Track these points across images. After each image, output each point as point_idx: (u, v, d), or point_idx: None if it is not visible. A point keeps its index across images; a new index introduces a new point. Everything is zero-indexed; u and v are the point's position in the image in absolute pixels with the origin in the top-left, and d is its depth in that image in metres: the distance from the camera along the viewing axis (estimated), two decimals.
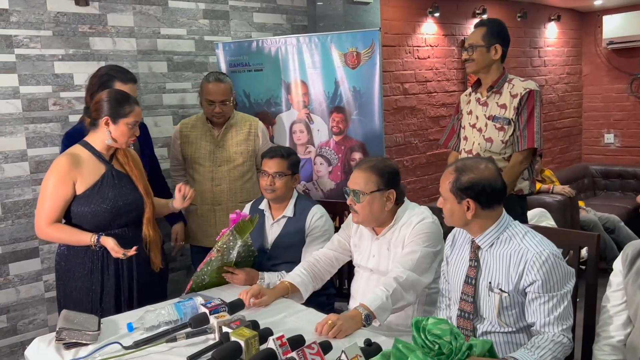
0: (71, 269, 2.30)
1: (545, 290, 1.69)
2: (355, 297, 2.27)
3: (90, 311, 2.18)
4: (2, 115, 2.83)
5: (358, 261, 2.30)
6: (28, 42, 2.89)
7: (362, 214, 2.14)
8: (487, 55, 2.66)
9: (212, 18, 3.58)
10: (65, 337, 1.76)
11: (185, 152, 3.01)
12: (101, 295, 2.29)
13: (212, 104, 2.90)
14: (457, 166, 1.83)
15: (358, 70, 3.25)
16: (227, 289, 2.30)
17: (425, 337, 1.43)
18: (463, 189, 1.78)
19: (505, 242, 1.79)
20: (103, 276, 2.28)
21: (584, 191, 5.85)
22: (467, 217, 1.80)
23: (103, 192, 2.24)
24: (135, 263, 2.33)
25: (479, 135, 2.73)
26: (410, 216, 2.16)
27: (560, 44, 6.27)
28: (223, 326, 1.72)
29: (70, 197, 2.22)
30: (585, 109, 6.67)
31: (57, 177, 2.20)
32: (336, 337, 1.77)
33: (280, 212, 2.56)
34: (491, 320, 1.80)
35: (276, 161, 2.50)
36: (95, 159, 2.27)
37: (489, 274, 1.81)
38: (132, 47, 3.24)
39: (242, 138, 3.02)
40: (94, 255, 2.27)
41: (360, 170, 2.16)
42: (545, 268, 1.69)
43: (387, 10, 4.38)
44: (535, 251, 1.71)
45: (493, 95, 2.70)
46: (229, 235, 2.23)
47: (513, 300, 1.76)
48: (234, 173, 2.99)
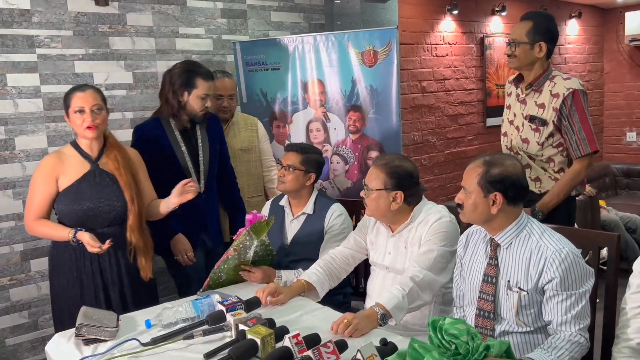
0: (57, 266, 2.35)
1: (563, 287, 1.68)
2: (372, 296, 2.27)
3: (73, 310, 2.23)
4: (24, 114, 2.88)
5: (374, 259, 2.29)
6: (49, 42, 2.93)
7: (370, 207, 2.19)
8: (531, 53, 2.49)
9: (230, 17, 3.59)
10: (84, 333, 1.79)
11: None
12: (81, 295, 2.31)
13: (220, 98, 2.93)
14: (485, 160, 1.81)
15: (375, 68, 3.24)
16: (243, 287, 2.31)
17: (442, 337, 1.42)
18: (492, 182, 1.76)
19: (523, 240, 1.78)
20: (82, 277, 2.31)
21: (605, 190, 5.76)
22: (491, 212, 1.77)
23: (82, 190, 2.26)
24: (122, 268, 2.35)
25: (516, 134, 2.62)
26: (427, 215, 2.16)
27: (581, 41, 6.18)
28: (239, 324, 1.73)
29: (54, 193, 2.28)
30: (606, 107, 6.56)
31: (42, 173, 2.28)
32: (352, 336, 1.77)
33: (300, 208, 2.57)
34: (509, 319, 1.79)
35: (291, 154, 2.55)
36: (81, 157, 2.31)
37: (507, 273, 1.79)
38: (151, 46, 3.27)
39: (245, 135, 3.06)
40: (77, 254, 2.30)
41: (374, 166, 2.19)
42: (565, 265, 1.67)
43: (404, 8, 4.35)
44: (555, 248, 1.70)
45: (532, 93, 2.55)
46: (245, 235, 2.24)
47: (532, 299, 1.74)
48: (241, 169, 3.02)
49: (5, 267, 2.88)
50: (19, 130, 2.87)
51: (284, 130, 3.46)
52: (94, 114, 2.25)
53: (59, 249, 2.33)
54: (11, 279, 2.89)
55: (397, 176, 2.13)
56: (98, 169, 2.32)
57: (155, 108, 3.28)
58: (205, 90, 2.63)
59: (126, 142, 3.19)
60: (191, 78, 2.63)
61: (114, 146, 2.36)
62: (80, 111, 2.24)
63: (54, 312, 2.40)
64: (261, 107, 3.46)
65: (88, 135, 2.27)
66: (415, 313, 2.10)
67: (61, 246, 2.31)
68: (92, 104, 2.25)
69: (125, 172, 2.32)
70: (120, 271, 2.35)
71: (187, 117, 2.68)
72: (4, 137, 2.84)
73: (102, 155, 2.33)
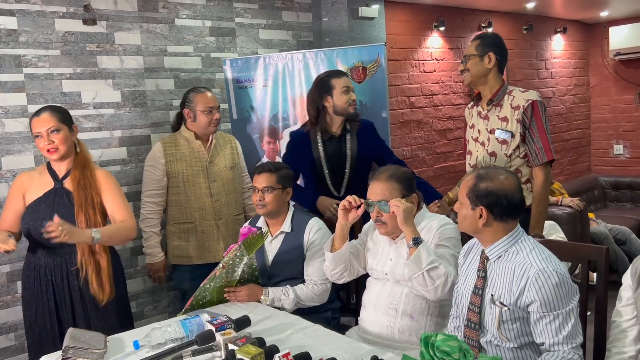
0: (24, 287, 2.40)
1: (548, 309, 1.65)
2: (367, 307, 2.23)
3: (29, 331, 2.34)
4: (10, 134, 2.86)
5: (373, 266, 2.25)
6: (37, 61, 2.92)
7: (390, 223, 2.12)
8: (481, 65, 2.62)
9: (219, 35, 3.61)
10: (71, 356, 1.76)
11: (175, 170, 2.91)
12: (35, 317, 2.33)
13: (212, 111, 2.92)
14: (478, 173, 1.82)
15: (364, 84, 3.27)
16: (232, 305, 2.29)
17: (434, 354, 1.42)
18: (478, 196, 1.76)
19: (512, 255, 1.77)
20: (37, 297, 2.32)
21: (594, 203, 5.80)
22: (478, 225, 1.78)
23: (40, 207, 2.28)
24: (73, 289, 2.33)
25: (482, 150, 2.70)
26: (429, 222, 2.16)
27: (567, 56, 6.27)
28: (229, 343, 1.71)
29: (21, 208, 2.33)
30: (593, 120, 6.64)
31: (13, 189, 2.38)
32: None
33: (277, 227, 2.54)
34: (493, 332, 1.78)
35: (264, 176, 2.48)
36: (48, 176, 2.36)
37: (493, 286, 1.79)
38: (139, 64, 3.27)
39: (228, 152, 3.07)
40: (35, 273, 2.33)
41: (381, 181, 2.15)
42: (548, 286, 1.65)
43: (392, 25, 4.40)
44: (538, 268, 1.67)
45: (493, 108, 2.66)
46: (236, 251, 2.22)
47: (513, 315, 1.73)
48: (228, 187, 3.03)
49: None
50: (6, 150, 2.85)
51: (274, 146, 3.46)
52: (50, 136, 2.27)
53: (25, 269, 2.39)
54: None
55: (406, 181, 2.16)
56: (61, 187, 2.34)
57: (144, 126, 3.29)
58: (343, 83, 2.85)
59: (114, 160, 3.19)
60: (326, 83, 2.86)
61: (78, 164, 2.36)
62: (38, 136, 2.28)
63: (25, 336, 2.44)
64: (252, 123, 3.47)
65: (52, 158, 2.32)
66: (408, 327, 2.08)
67: (27, 266, 2.38)
68: (47, 127, 2.27)
69: (81, 191, 2.31)
70: (71, 293, 2.33)
71: (337, 121, 2.89)
72: None
73: (69, 175, 2.35)
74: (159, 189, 2.92)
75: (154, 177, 2.91)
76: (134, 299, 3.30)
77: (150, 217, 2.92)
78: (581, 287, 1.98)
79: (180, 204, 2.94)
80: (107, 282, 2.33)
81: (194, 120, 2.93)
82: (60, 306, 2.33)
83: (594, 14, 5.84)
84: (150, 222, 2.92)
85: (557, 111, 6.10)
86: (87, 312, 2.34)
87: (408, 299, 2.10)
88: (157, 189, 2.92)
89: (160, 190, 2.92)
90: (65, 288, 2.32)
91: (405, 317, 2.10)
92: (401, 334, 2.08)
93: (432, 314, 2.13)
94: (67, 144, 2.31)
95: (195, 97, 2.92)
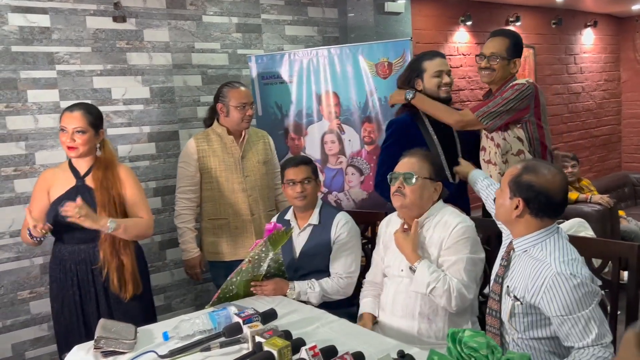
0: (50, 280, 2.45)
1: (566, 312, 1.61)
2: (385, 309, 2.22)
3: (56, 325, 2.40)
4: (44, 129, 2.93)
5: (389, 262, 2.23)
6: (68, 58, 2.99)
7: (410, 198, 2.11)
8: (507, 68, 2.58)
9: (245, 32, 3.64)
10: (102, 346, 1.80)
11: (207, 166, 2.91)
12: (61, 310, 2.38)
13: (245, 106, 2.90)
14: (527, 164, 1.78)
15: (389, 80, 3.25)
16: (259, 299, 2.31)
17: (461, 350, 1.41)
18: (519, 187, 1.72)
19: (537, 251, 1.73)
20: (63, 291, 2.37)
21: (624, 200, 5.68)
22: (512, 216, 1.74)
23: (63, 204, 2.29)
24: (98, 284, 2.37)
25: (492, 144, 2.66)
26: (444, 216, 2.13)
27: (597, 50, 6.14)
28: (256, 336, 1.72)
29: (46, 205, 2.38)
30: (624, 116, 6.50)
31: (37, 185, 2.43)
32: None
33: (305, 220, 2.56)
34: (504, 322, 1.78)
35: (302, 168, 2.52)
36: (70, 173, 2.40)
37: (512, 278, 1.77)
38: (168, 61, 3.32)
39: (260, 148, 3.05)
40: (60, 268, 2.38)
41: (414, 156, 2.16)
42: (564, 290, 1.61)
43: (418, 20, 4.37)
44: (556, 270, 1.62)
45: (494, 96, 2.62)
46: (262, 246, 2.24)
47: (525, 310, 1.71)
48: (261, 182, 3.01)
49: (25, 281, 2.92)
50: (39, 145, 2.93)
51: (299, 143, 3.48)
52: (73, 135, 2.32)
53: (52, 263, 2.44)
54: (31, 292, 2.93)
55: (438, 167, 2.16)
56: (83, 184, 2.38)
57: (173, 122, 3.33)
58: (435, 67, 2.68)
59: (143, 156, 3.25)
60: (416, 67, 2.73)
61: (101, 164, 2.41)
62: (63, 130, 2.33)
63: (54, 327, 2.50)
64: (276, 119, 3.49)
65: (69, 154, 2.36)
66: (425, 331, 2.08)
67: (54, 260, 2.42)
68: (74, 125, 2.32)
69: (103, 191, 2.35)
70: (95, 287, 2.38)
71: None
72: (24, 152, 2.89)
73: (90, 172, 2.40)
74: (192, 185, 2.92)
75: (187, 173, 2.91)
76: (162, 292, 3.36)
77: (184, 213, 2.93)
78: (611, 285, 1.95)
79: (213, 200, 2.94)
80: (131, 280, 2.37)
81: (226, 116, 2.92)
82: (84, 300, 2.38)
83: (625, 7, 5.71)
84: (184, 218, 2.93)
85: (586, 107, 5.99)
86: (110, 307, 2.39)
87: (424, 301, 2.08)
88: (190, 185, 2.92)
89: (193, 187, 2.92)
90: (89, 283, 2.37)
91: (423, 320, 2.09)
92: (421, 336, 2.08)
93: (450, 315, 2.09)
94: (88, 146, 2.36)
95: (229, 92, 2.90)
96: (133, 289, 2.38)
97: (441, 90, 2.69)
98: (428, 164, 2.14)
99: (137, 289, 2.40)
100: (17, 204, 2.87)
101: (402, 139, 2.64)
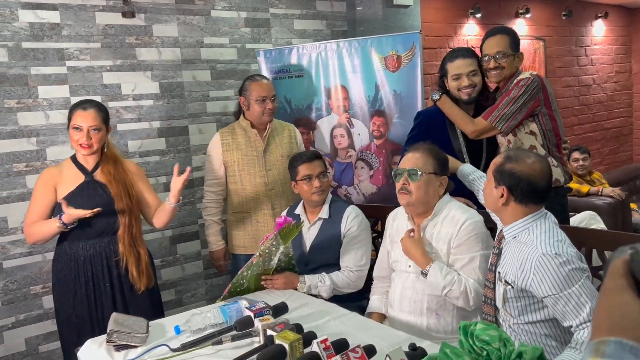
0: (56, 278, 2.41)
1: (557, 290, 1.63)
2: (393, 305, 2.21)
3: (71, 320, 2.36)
4: (55, 125, 2.95)
5: (396, 257, 2.22)
6: (78, 54, 3.00)
7: (416, 194, 2.09)
8: (514, 63, 2.58)
9: (254, 26, 3.63)
10: (115, 339, 1.81)
11: (231, 159, 2.93)
12: (74, 305, 2.37)
13: (264, 100, 2.88)
14: (509, 153, 1.83)
15: (399, 73, 3.24)
16: (270, 293, 2.32)
17: (473, 343, 1.41)
18: (502, 176, 1.78)
19: (525, 236, 1.75)
20: (76, 287, 2.36)
21: (636, 193, 5.63)
22: (498, 204, 1.80)
23: (76, 200, 2.30)
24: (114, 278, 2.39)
25: (504, 141, 2.64)
26: (451, 210, 2.11)
27: (608, 42, 6.08)
28: (267, 329, 1.73)
29: (53, 201, 2.36)
30: (635, 108, 6.43)
31: (42, 183, 2.37)
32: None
33: (315, 215, 2.57)
34: (499, 308, 1.80)
35: (316, 163, 2.55)
36: (77, 169, 2.39)
37: (502, 264, 1.80)
38: (177, 56, 3.32)
39: (286, 142, 3.03)
40: (72, 264, 2.36)
41: (418, 151, 2.14)
42: (550, 269, 1.63)
43: (427, 13, 4.35)
44: (541, 251, 1.65)
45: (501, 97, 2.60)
46: (272, 240, 2.25)
47: (517, 294, 1.73)
48: (284, 176, 2.96)
49: (37, 275, 2.95)
50: (50, 141, 2.94)
51: (308, 137, 3.47)
52: (89, 134, 2.32)
53: (58, 260, 2.41)
54: (44, 287, 2.96)
55: (442, 161, 2.14)
56: (92, 179, 2.38)
57: (182, 117, 3.33)
58: (455, 70, 2.61)
59: (154, 151, 3.26)
60: (442, 67, 2.69)
61: (109, 159, 2.42)
62: (77, 129, 2.32)
63: (57, 325, 2.48)
64: (285, 114, 3.48)
65: (82, 152, 2.36)
66: (434, 326, 2.08)
67: (60, 258, 2.39)
68: (90, 124, 2.32)
69: (117, 184, 2.37)
70: (112, 281, 2.39)
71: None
72: (35, 147, 2.91)
73: (98, 168, 2.40)
74: (217, 178, 2.94)
75: (212, 167, 2.94)
76: (172, 287, 3.38)
77: (210, 205, 2.97)
78: None
79: (237, 193, 2.95)
80: (145, 271, 2.41)
81: (248, 109, 2.92)
82: (98, 294, 2.39)
83: None
84: (210, 210, 2.97)
85: (597, 99, 5.93)
86: (125, 300, 2.41)
87: (431, 297, 2.08)
88: (215, 178, 2.94)
89: (218, 180, 2.94)
90: (105, 276, 2.38)
91: (431, 315, 2.09)
92: (430, 331, 2.07)
93: (458, 309, 2.08)
94: (101, 143, 2.38)
95: (250, 86, 2.90)
96: (147, 281, 2.41)
97: (461, 92, 2.61)
98: (432, 159, 2.12)
99: (150, 281, 2.44)
100: (29, 199, 2.87)
101: (428, 130, 2.65)
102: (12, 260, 2.88)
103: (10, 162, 2.86)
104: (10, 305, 2.88)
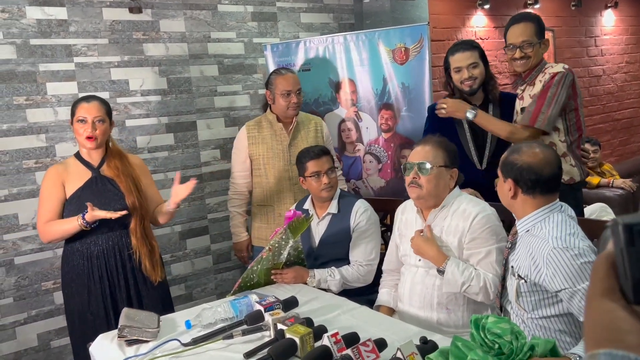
0: (67, 274, 2.41)
1: (571, 284, 1.60)
2: (403, 300, 2.20)
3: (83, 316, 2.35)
4: (63, 121, 2.95)
5: (405, 250, 2.20)
6: (86, 50, 3.00)
7: (427, 188, 2.06)
8: (540, 51, 2.53)
9: (260, 20, 3.62)
10: (126, 334, 1.82)
11: (255, 152, 2.92)
12: (88, 301, 2.37)
13: (289, 94, 2.87)
14: (513, 147, 1.83)
15: (406, 66, 3.22)
16: (279, 287, 2.32)
17: (485, 336, 1.40)
18: (506, 169, 1.78)
19: (537, 230, 1.73)
20: (89, 282, 2.37)
21: None
22: (508, 198, 1.79)
23: (85, 196, 2.31)
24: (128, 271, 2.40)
25: None
26: (461, 203, 2.08)
27: (619, 32, 6.01)
28: (278, 323, 1.73)
29: (63, 198, 2.36)
30: None
31: (50, 181, 2.37)
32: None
33: (324, 209, 2.56)
34: (512, 303, 1.79)
35: (324, 158, 2.53)
36: (83, 166, 2.39)
37: (515, 259, 1.79)
38: (184, 51, 3.32)
39: (312, 136, 2.99)
40: (85, 260, 2.36)
41: (427, 144, 2.12)
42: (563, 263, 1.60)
43: (435, 5, 4.31)
44: (552, 245, 1.63)
45: (527, 87, 2.57)
46: (282, 234, 2.25)
47: (530, 289, 1.72)
48: None
49: (49, 271, 2.97)
50: (59, 137, 2.96)
51: None
52: (94, 125, 2.32)
53: (68, 258, 2.40)
54: (55, 283, 2.97)
55: (452, 153, 2.12)
56: (100, 175, 2.39)
57: (190, 112, 3.33)
58: (456, 62, 2.66)
59: (162, 147, 3.27)
60: (445, 61, 2.72)
61: (114, 154, 2.43)
62: (82, 121, 2.32)
63: (67, 320, 2.47)
64: None
65: (87, 145, 2.35)
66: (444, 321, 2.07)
67: (71, 255, 2.39)
68: (95, 115, 2.32)
69: (125, 178, 2.38)
70: (126, 275, 2.40)
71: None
72: (44, 144, 2.92)
73: (104, 163, 2.41)
74: (242, 170, 2.96)
75: (238, 160, 2.96)
76: (182, 282, 3.39)
77: (234, 197, 2.99)
78: None
79: (261, 186, 2.96)
80: (158, 263, 2.44)
81: (274, 103, 2.92)
82: (114, 288, 2.40)
83: None
84: (235, 202, 3.00)
85: (607, 90, 5.87)
86: (139, 293, 2.42)
87: (440, 292, 2.06)
88: (241, 171, 2.96)
89: (243, 172, 2.96)
90: (120, 270, 2.39)
91: (441, 310, 2.07)
92: (440, 325, 2.06)
93: (468, 303, 2.06)
94: (105, 136, 2.38)
95: (276, 79, 2.90)
96: (161, 272, 2.44)
97: (463, 84, 2.66)
98: (442, 151, 2.09)
99: (162, 273, 2.47)
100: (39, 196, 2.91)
101: (436, 124, 2.66)
102: (24, 257, 2.90)
103: (20, 158, 2.87)
104: (22, 301, 2.91)
